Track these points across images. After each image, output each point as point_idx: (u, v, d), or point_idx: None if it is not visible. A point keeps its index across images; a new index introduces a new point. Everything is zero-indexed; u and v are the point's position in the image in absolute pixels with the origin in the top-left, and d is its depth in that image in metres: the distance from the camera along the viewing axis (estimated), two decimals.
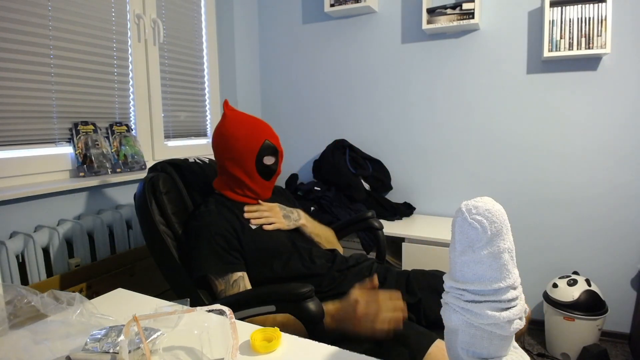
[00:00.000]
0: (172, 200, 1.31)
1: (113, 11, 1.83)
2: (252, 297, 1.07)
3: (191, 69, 2.32)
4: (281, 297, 1.02)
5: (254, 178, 1.29)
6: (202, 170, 1.49)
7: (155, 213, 1.25)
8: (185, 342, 0.75)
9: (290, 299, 0.99)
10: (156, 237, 1.24)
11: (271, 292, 1.06)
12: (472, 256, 0.54)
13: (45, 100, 1.58)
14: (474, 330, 0.54)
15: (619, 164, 1.93)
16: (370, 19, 2.37)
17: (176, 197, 1.34)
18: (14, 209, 1.42)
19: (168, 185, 1.32)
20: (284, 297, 1.01)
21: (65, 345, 0.71)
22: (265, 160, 1.28)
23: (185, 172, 1.42)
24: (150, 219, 1.24)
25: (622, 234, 1.95)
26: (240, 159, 1.26)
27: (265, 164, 1.28)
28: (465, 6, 2.03)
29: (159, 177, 1.31)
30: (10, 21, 1.45)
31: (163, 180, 1.32)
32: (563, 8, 1.87)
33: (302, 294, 0.97)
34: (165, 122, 2.15)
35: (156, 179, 1.30)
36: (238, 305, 1.02)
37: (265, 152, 1.28)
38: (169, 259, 1.22)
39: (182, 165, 1.44)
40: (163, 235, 1.23)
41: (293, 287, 1.01)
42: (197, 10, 2.34)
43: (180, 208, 1.33)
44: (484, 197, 0.56)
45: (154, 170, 1.40)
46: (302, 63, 2.59)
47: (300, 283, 1.02)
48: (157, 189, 1.28)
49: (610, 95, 1.92)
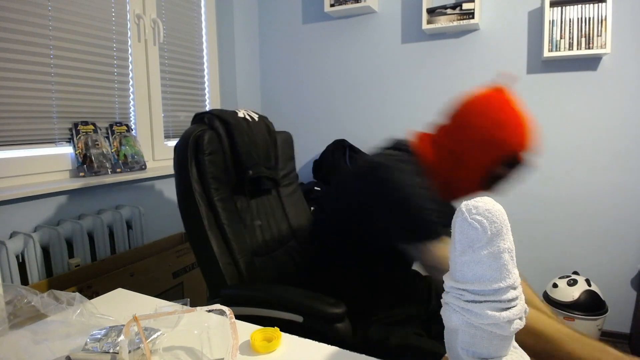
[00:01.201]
0: (214, 162, 1.18)
1: (113, 11, 1.83)
2: (279, 299, 1.00)
3: (191, 69, 2.32)
4: (309, 311, 0.94)
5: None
6: (250, 129, 1.32)
7: (193, 176, 1.14)
8: (185, 342, 0.75)
9: (319, 315, 0.92)
10: (190, 201, 1.15)
11: (299, 302, 0.97)
12: (472, 256, 0.54)
13: (45, 100, 1.58)
14: (474, 330, 0.54)
15: (619, 163, 1.93)
16: (370, 19, 2.37)
17: (219, 159, 1.20)
18: (14, 209, 1.42)
19: (213, 146, 1.18)
20: (313, 312, 0.93)
21: (65, 345, 0.71)
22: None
23: (234, 131, 1.25)
24: (187, 181, 1.14)
25: (622, 233, 1.95)
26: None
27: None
28: (465, 6, 2.03)
29: (204, 134, 1.16)
30: (10, 21, 1.45)
31: (209, 138, 1.17)
32: (563, 8, 1.87)
33: (333, 314, 0.90)
34: (165, 122, 2.15)
35: (202, 137, 1.16)
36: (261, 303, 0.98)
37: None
38: (199, 226, 1.14)
39: (231, 122, 1.26)
40: (197, 201, 1.14)
41: (325, 304, 0.92)
42: (197, 10, 2.34)
43: (220, 172, 1.20)
44: (484, 197, 0.56)
45: (199, 121, 1.25)
46: (302, 63, 2.59)
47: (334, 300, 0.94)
48: (200, 149, 1.15)
49: (610, 95, 1.92)
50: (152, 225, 1.96)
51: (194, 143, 1.16)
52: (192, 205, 1.14)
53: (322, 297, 0.97)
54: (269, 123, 1.43)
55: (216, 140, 1.20)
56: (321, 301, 0.94)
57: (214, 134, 1.20)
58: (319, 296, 0.98)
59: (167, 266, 1.76)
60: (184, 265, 1.86)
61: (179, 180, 1.17)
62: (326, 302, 0.93)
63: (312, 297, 0.99)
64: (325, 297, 0.97)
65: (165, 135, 2.14)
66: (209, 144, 1.17)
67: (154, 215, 1.98)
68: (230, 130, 1.24)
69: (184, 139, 1.17)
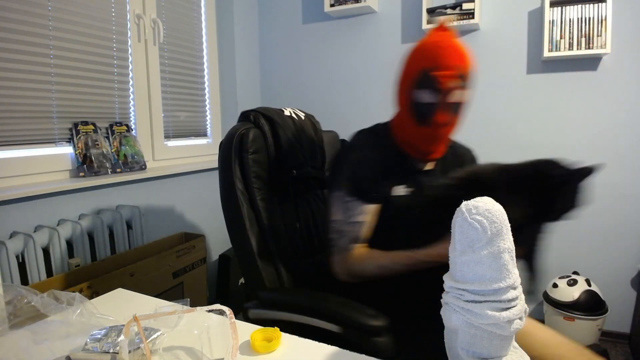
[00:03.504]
0: (257, 161, 1.17)
1: (113, 11, 1.83)
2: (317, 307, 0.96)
3: (191, 69, 2.32)
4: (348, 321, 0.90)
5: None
6: (296, 128, 1.29)
7: (236, 174, 1.14)
8: (185, 342, 0.75)
9: (358, 327, 0.88)
10: (232, 200, 1.14)
11: (337, 312, 0.93)
12: (472, 256, 0.54)
13: (45, 100, 1.58)
14: (474, 330, 0.54)
15: (619, 163, 1.93)
16: (370, 19, 2.37)
17: (263, 158, 1.19)
18: (14, 209, 1.42)
19: (257, 144, 1.17)
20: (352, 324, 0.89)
21: (65, 345, 0.71)
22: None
23: (279, 130, 1.23)
24: (230, 180, 1.14)
25: (622, 234, 1.95)
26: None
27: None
28: (465, 6, 2.03)
29: (249, 132, 1.16)
30: (10, 21, 1.45)
31: (253, 137, 1.16)
32: (563, 8, 1.87)
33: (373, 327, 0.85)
34: (165, 122, 2.15)
35: (246, 135, 1.15)
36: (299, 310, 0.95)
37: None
38: (240, 226, 1.13)
39: (277, 120, 1.24)
40: (240, 200, 1.13)
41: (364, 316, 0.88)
42: (197, 10, 2.34)
43: (263, 172, 1.19)
44: (484, 197, 0.56)
45: (245, 119, 1.24)
46: (302, 63, 2.59)
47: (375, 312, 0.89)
48: (244, 147, 1.14)
49: (610, 95, 1.92)
50: (152, 225, 1.96)
51: (238, 141, 1.14)
52: (234, 204, 1.13)
53: (362, 308, 0.92)
54: (315, 122, 1.40)
55: (260, 138, 1.19)
56: (361, 312, 0.90)
57: (259, 132, 1.19)
58: (359, 307, 0.93)
59: (167, 266, 1.76)
60: (184, 265, 1.86)
61: (223, 179, 1.16)
62: (366, 314, 0.88)
63: (351, 306, 0.94)
64: (366, 308, 0.92)
65: (165, 135, 2.14)
66: (253, 142, 1.16)
67: (154, 215, 1.98)
68: (276, 128, 1.22)
69: (229, 137, 1.16)
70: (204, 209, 2.29)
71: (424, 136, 0.99)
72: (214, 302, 2.25)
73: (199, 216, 2.26)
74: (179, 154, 2.24)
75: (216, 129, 2.53)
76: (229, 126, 2.74)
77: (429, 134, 0.98)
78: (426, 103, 0.94)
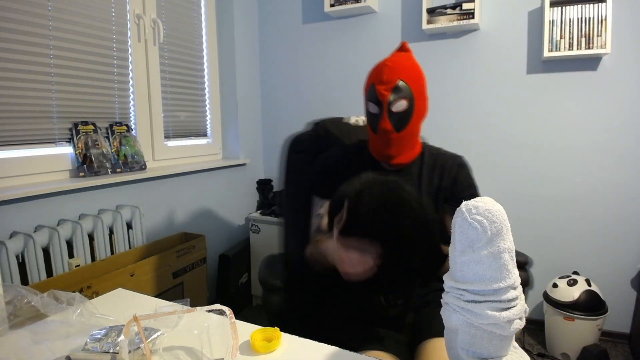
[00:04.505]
0: (301, 160, 1.30)
1: (113, 11, 1.83)
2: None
3: (191, 69, 2.32)
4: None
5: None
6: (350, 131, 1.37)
7: (283, 170, 1.30)
8: (185, 342, 0.75)
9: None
10: (281, 193, 1.32)
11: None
12: (472, 256, 0.54)
13: (45, 100, 1.58)
14: (474, 330, 0.54)
15: (619, 163, 1.93)
16: (370, 19, 2.37)
17: (307, 159, 1.28)
18: (14, 209, 1.42)
19: (303, 146, 1.31)
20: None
21: (65, 345, 0.71)
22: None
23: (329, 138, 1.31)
24: (280, 175, 1.32)
25: (622, 233, 1.95)
26: None
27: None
28: (465, 6, 2.03)
29: (302, 135, 1.32)
30: (10, 21, 1.45)
31: (302, 139, 1.32)
32: (563, 8, 1.87)
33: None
34: (165, 122, 2.15)
35: (298, 136, 1.32)
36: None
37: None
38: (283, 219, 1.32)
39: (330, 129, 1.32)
40: (284, 194, 1.29)
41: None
42: (197, 10, 2.34)
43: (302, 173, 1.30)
44: (484, 197, 0.56)
45: (315, 125, 1.35)
46: (302, 63, 2.59)
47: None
48: (292, 147, 1.30)
49: (610, 95, 1.92)
50: (152, 225, 1.96)
51: (290, 140, 1.31)
52: (282, 191, 1.31)
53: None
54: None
55: (309, 142, 1.31)
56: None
57: (312, 137, 1.31)
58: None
59: (167, 266, 1.76)
60: (184, 265, 1.86)
61: (279, 173, 1.31)
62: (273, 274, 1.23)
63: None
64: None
65: (165, 135, 2.14)
66: (300, 143, 1.30)
67: (154, 215, 1.98)
68: (327, 136, 1.33)
69: (289, 136, 1.33)
70: (204, 209, 2.29)
71: (376, 142, 1.09)
72: (214, 302, 2.25)
73: (199, 216, 2.26)
74: (179, 154, 2.24)
75: (216, 129, 2.53)
76: (229, 126, 2.73)
77: (378, 140, 1.08)
78: (372, 113, 1.07)
